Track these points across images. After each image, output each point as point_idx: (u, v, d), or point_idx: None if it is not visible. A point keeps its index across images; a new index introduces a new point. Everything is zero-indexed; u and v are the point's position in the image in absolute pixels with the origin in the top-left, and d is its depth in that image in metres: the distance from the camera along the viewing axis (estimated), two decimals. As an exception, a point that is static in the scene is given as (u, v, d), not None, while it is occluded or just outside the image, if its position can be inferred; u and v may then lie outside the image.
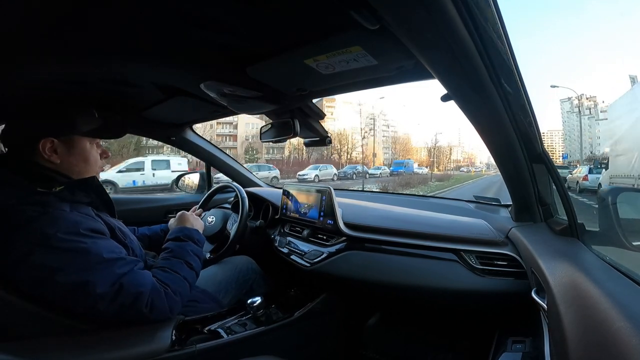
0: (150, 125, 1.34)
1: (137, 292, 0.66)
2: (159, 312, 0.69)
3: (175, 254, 0.81)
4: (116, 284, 0.64)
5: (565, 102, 46.71)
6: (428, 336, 1.16)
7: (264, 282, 1.19)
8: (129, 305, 0.65)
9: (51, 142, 0.70)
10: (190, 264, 0.80)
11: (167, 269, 0.76)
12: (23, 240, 0.60)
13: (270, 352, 0.84)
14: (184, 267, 0.78)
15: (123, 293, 0.64)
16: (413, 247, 0.94)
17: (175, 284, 0.73)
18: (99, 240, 0.67)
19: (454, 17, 0.41)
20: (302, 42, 0.62)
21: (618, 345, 0.35)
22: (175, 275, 0.75)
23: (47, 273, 0.60)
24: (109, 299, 0.63)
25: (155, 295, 0.68)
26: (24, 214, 0.62)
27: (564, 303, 0.49)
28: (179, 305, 0.73)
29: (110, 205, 0.79)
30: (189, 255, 0.82)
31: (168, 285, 0.72)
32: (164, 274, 0.74)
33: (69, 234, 0.62)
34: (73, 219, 0.65)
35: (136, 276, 0.68)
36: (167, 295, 0.70)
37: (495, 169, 5.52)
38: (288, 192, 1.30)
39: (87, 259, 0.63)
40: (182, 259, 0.79)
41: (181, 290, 0.74)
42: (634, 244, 0.66)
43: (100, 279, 0.63)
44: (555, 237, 0.76)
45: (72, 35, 0.59)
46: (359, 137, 30.67)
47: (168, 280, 0.73)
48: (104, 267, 0.64)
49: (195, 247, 0.86)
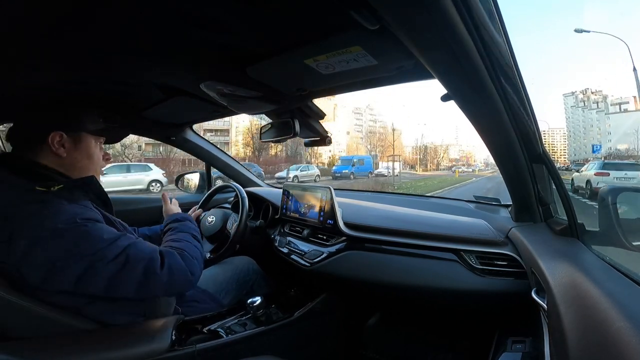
0: (150, 125, 1.34)
1: (146, 257, 0.67)
2: (178, 274, 0.69)
3: (180, 229, 0.84)
4: (121, 255, 0.64)
5: (568, 97, 43.02)
6: (428, 336, 1.16)
7: (264, 282, 1.19)
8: (142, 273, 0.65)
9: (60, 136, 0.71)
10: (195, 235, 0.83)
11: (177, 240, 0.78)
12: (24, 236, 0.60)
13: (270, 352, 0.84)
14: (192, 238, 0.81)
15: (131, 262, 0.65)
16: (413, 247, 0.94)
17: (190, 249, 0.75)
18: (98, 226, 0.67)
19: (454, 17, 0.40)
20: (302, 42, 0.62)
21: (618, 345, 0.35)
22: (187, 243, 0.78)
23: (52, 264, 0.61)
24: (117, 271, 0.64)
25: (170, 256, 0.69)
26: (23, 211, 0.62)
27: (564, 303, 0.49)
28: (197, 269, 0.74)
29: (109, 205, 0.79)
30: (192, 229, 0.85)
31: (183, 249, 0.73)
32: (177, 243, 0.76)
33: (68, 223, 0.63)
34: (71, 210, 0.65)
35: (140, 245, 0.69)
36: (184, 258, 0.72)
37: (492, 167, 5.49)
38: (288, 192, 1.30)
39: (88, 242, 0.63)
40: (188, 232, 0.83)
41: (197, 256, 0.76)
42: (634, 244, 0.66)
43: (104, 258, 0.63)
44: (555, 237, 0.76)
45: (72, 35, 0.59)
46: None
47: (182, 246, 0.75)
48: (106, 246, 0.64)
49: (193, 226, 0.89)
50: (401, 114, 64.22)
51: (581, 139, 38.62)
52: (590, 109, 38.37)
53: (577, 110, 40.52)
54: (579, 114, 40.08)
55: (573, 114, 41.83)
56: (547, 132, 54.41)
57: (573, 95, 42.54)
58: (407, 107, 59.16)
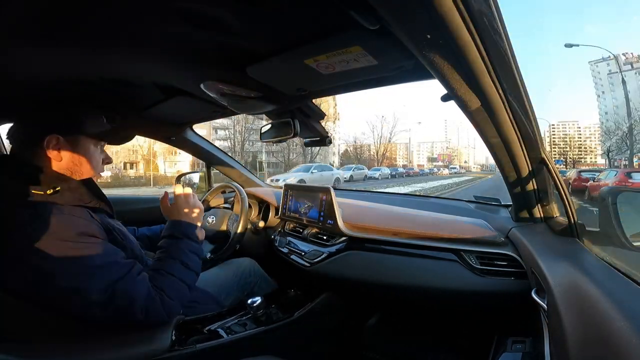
0: (150, 125, 1.34)
1: (130, 299, 0.64)
2: (155, 317, 0.68)
3: (170, 254, 0.77)
4: (109, 290, 0.63)
5: (600, 64, 30.81)
6: (428, 336, 1.16)
7: (266, 284, 1.18)
8: (123, 311, 0.64)
9: (57, 139, 0.70)
10: (186, 264, 0.76)
11: (163, 271, 0.73)
12: (16, 243, 0.59)
13: (270, 352, 0.83)
14: (180, 268, 0.75)
15: (116, 300, 0.63)
16: (413, 247, 0.94)
17: (171, 288, 0.71)
18: (93, 244, 0.65)
19: (454, 17, 0.40)
20: (302, 42, 0.62)
21: (618, 345, 0.35)
22: (171, 278, 0.72)
23: (39, 277, 0.60)
24: (102, 305, 0.62)
25: (150, 303, 0.67)
26: (16, 217, 0.61)
27: (564, 303, 0.49)
28: (177, 308, 0.72)
29: (109, 206, 0.78)
30: (184, 254, 0.77)
31: (164, 290, 0.69)
32: (160, 277, 0.71)
33: (62, 239, 0.61)
34: (67, 222, 0.64)
35: (130, 283, 0.66)
36: (163, 302, 0.68)
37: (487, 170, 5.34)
38: (288, 192, 1.30)
39: (79, 264, 0.62)
40: (177, 259, 0.76)
41: (179, 294, 0.72)
42: (634, 244, 0.66)
43: (93, 286, 0.62)
44: (555, 237, 0.76)
45: (72, 35, 0.59)
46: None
47: (164, 285, 0.70)
48: (97, 274, 0.63)
49: (192, 245, 0.80)
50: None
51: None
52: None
53: (615, 78, 28.10)
54: (633, 78, 26.58)
55: (614, 85, 29.49)
56: (556, 127, 43.09)
57: (605, 61, 30.90)
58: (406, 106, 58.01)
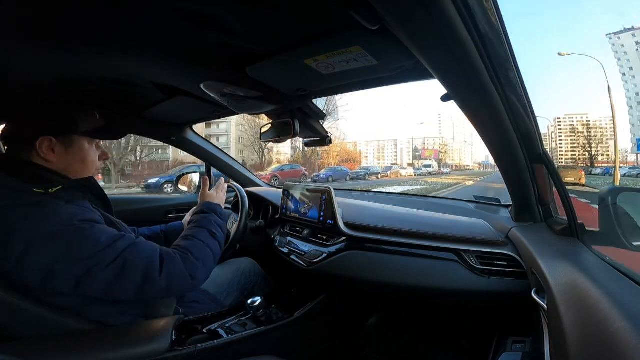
0: (150, 125, 1.34)
1: (144, 262, 0.65)
2: (178, 280, 0.68)
3: (198, 224, 0.83)
4: (119, 259, 0.63)
5: (622, 35, 25.17)
6: (428, 336, 1.16)
7: (266, 285, 1.18)
8: (141, 279, 0.64)
9: (49, 141, 0.69)
10: (213, 232, 0.81)
11: (189, 236, 0.78)
12: (20, 239, 0.60)
13: (270, 352, 0.84)
14: (207, 235, 0.80)
15: (129, 265, 0.63)
16: (413, 247, 0.94)
17: (197, 250, 0.74)
18: (96, 226, 0.65)
19: (453, 18, 0.41)
20: (302, 42, 0.62)
21: (618, 345, 0.35)
22: (197, 241, 0.76)
23: (50, 267, 0.60)
24: (115, 276, 0.62)
25: (169, 260, 0.67)
26: (18, 214, 0.61)
27: (564, 303, 0.49)
28: (201, 272, 0.73)
29: (109, 205, 0.79)
30: (211, 224, 0.84)
31: (189, 250, 0.72)
32: (186, 241, 0.75)
33: (65, 225, 0.61)
34: (69, 210, 0.64)
35: (140, 247, 0.67)
36: (186, 261, 0.70)
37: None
38: (288, 192, 1.30)
39: (85, 245, 0.62)
40: (205, 228, 0.81)
41: (204, 257, 0.74)
42: (634, 244, 0.66)
43: (102, 261, 0.62)
44: (555, 237, 0.76)
45: (71, 35, 0.59)
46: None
47: (189, 246, 0.74)
48: (104, 249, 0.63)
49: (218, 219, 0.87)
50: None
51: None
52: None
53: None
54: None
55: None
56: (562, 120, 32.56)
57: (629, 32, 25.22)
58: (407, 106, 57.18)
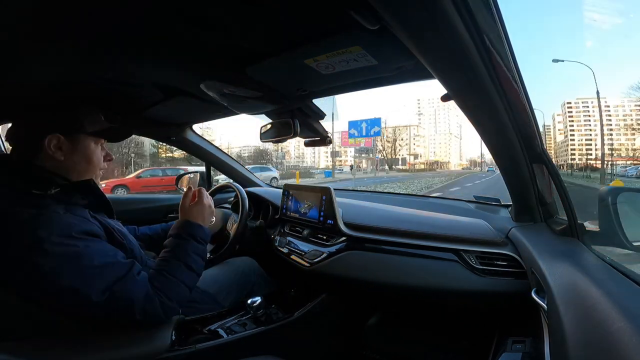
0: (150, 125, 1.34)
1: (129, 300, 0.64)
2: (153, 318, 0.68)
3: (174, 255, 0.76)
4: (107, 291, 0.62)
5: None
6: (428, 336, 1.16)
7: (265, 284, 1.18)
8: (121, 311, 0.64)
9: (57, 139, 0.70)
10: (189, 266, 0.75)
11: (165, 272, 0.72)
12: (16, 243, 0.59)
13: (270, 352, 0.84)
14: (183, 270, 0.74)
15: (115, 301, 0.63)
16: (413, 247, 0.94)
17: (171, 290, 0.70)
18: (93, 243, 0.65)
19: (453, 18, 0.41)
20: (302, 42, 0.62)
21: (618, 345, 0.35)
22: (172, 279, 0.71)
23: (39, 276, 0.59)
24: (101, 305, 0.62)
25: (149, 304, 0.66)
26: (17, 216, 0.61)
27: (564, 303, 0.49)
28: (175, 310, 0.72)
29: (108, 206, 0.78)
30: (189, 256, 0.76)
31: (164, 292, 0.69)
32: (161, 278, 0.71)
33: (62, 237, 0.61)
34: (66, 221, 0.64)
35: (130, 283, 0.65)
36: (162, 303, 0.68)
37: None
38: (288, 192, 1.30)
39: (78, 264, 0.61)
40: (181, 261, 0.75)
41: (178, 296, 0.72)
42: (634, 244, 0.66)
43: (92, 286, 0.61)
44: (555, 237, 0.76)
45: (72, 35, 0.59)
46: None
47: (164, 286, 0.70)
48: (96, 274, 0.62)
49: (197, 246, 0.80)
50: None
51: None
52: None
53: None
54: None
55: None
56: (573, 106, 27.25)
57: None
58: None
